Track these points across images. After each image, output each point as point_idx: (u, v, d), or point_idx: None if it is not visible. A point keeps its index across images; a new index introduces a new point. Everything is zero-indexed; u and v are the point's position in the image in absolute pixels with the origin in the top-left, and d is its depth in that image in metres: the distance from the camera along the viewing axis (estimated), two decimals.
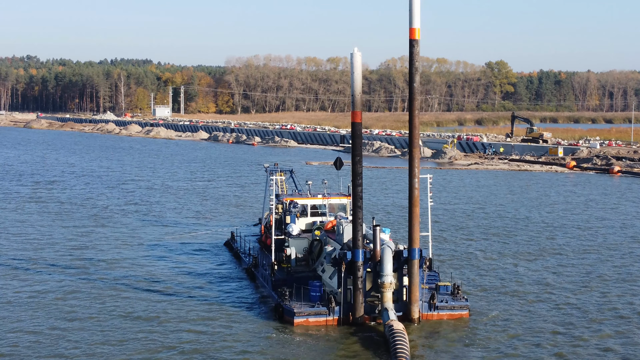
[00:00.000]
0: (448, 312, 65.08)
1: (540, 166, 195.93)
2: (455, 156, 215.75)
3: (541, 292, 73.36)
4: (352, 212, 64.36)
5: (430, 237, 77.05)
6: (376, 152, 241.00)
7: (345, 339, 60.29)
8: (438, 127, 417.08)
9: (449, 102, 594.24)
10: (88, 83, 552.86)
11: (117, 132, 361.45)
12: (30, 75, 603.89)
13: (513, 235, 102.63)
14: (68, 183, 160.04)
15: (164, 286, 75.05)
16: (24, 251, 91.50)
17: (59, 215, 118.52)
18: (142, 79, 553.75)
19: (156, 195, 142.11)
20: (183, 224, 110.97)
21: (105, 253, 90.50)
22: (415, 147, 64.12)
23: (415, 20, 63.00)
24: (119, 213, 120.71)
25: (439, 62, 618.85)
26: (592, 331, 61.97)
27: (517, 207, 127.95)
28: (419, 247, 64.57)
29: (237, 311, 66.93)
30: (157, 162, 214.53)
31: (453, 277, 77.40)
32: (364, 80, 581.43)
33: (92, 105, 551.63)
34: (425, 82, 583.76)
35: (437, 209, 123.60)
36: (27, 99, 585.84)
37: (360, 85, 64.09)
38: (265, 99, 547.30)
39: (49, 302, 69.30)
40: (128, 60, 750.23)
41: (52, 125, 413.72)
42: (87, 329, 61.63)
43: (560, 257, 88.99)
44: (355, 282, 63.15)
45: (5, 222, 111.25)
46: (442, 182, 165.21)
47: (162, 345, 58.51)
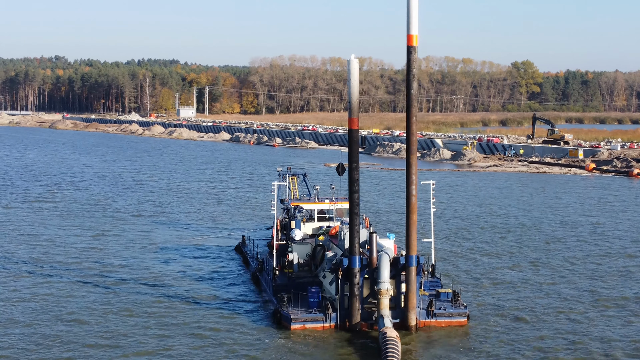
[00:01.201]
0: (446, 319, 64.71)
1: (559, 168, 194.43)
2: (475, 158, 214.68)
3: (544, 300, 72.56)
4: (349, 219, 64.28)
5: (432, 243, 76.91)
6: (395, 154, 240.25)
7: (340, 346, 60.20)
8: (462, 127, 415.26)
9: (474, 102, 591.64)
10: (113, 84, 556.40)
11: (140, 132, 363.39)
12: (57, 75, 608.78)
13: (519, 239, 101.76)
14: (84, 184, 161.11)
15: (167, 289, 75.37)
16: (33, 252, 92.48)
17: (73, 216, 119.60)
18: (167, 80, 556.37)
19: (171, 197, 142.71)
20: (196, 227, 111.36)
21: (114, 255, 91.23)
22: (412, 154, 63.78)
23: (413, 27, 62.77)
24: (133, 215, 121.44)
25: (465, 62, 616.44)
26: (595, 339, 61.41)
27: (526, 211, 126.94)
28: (417, 254, 64.28)
29: (237, 316, 67.08)
30: (175, 163, 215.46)
31: (454, 283, 77.16)
32: (389, 81, 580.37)
33: (118, 106, 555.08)
34: (451, 82, 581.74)
35: (446, 212, 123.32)
36: (54, 99, 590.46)
37: (357, 92, 63.95)
38: (289, 99, 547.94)
39: (48, 302, 69.96)
40: (155, 60, 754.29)
41: (76, 125, 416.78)
42: (80, 330, 62.09)
43: (566, 264, 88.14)
44: (352, 289, 63.07)
45: (20, 221, 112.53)
46: (458, 184, 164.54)
47: (156, 347, 58.94)
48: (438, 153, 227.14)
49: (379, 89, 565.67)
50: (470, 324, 64.77)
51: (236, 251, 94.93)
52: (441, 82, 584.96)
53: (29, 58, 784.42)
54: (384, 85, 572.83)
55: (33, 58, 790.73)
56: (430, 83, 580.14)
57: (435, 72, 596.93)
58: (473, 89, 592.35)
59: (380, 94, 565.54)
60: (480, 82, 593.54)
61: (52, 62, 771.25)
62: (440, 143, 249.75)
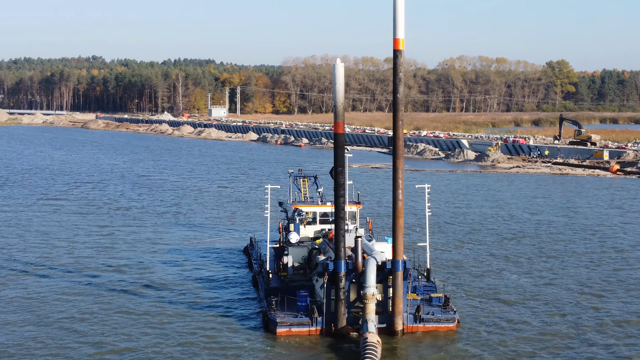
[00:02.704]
0: (434, 324, 64.08)
1: (583, 170, 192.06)
2: (498, 159, 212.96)
3: (539, 307, 71.35)
4: (335, 223, 63.94)
5: (428, 248, 76.42)
6: (420, 155, 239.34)
7: (323, 350, 59.92)
8: (493, 127, 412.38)
9: (508, 102, 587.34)
10: (147, 83, 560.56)
11: (170, 132, 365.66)
12: (91, 75, 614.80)
13: (522, 244, 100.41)
14: (103, 183, 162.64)
15: (165, 290, 75.83)
16: (42, 248, 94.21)
17: (87, 214, 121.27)
18: (200, 80, 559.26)
19: (188, 197, 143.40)
20: (209, 228, 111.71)
21: (121, 254, 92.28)
22: (399, 158, 63.17)
23: (399, 31, 62.38)
24: (147, 214, 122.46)
25: (499, 61, 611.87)
26: (585, 347, 60.63)
27: (534, 213, 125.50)
28: (403, 258, 63.85)
29: (228, 319, 67.04)
30: (198, 163, 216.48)
31: (446, 288, 76.54)
32: (422, 81, 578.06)
33: (151, 106, 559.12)
34: (485, 81, 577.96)
35: (450, 214, 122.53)
36: (88, 99, 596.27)
37: (342, 96, 63.58)
38: (321, 99, 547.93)
39: (47, 301, 70.77)
40: (191, 60, 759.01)
41: (108, 125, 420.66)
42: (72, 327, 62.61)
43: (567, 269, 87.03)
44: (337, 293, 62.74)
45: (34, 218, 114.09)
46: (474, 185, 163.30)
47: (137, 346, 59.62)
48: (462, 154, 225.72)
49: (412, 88, 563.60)
50: (460, 329, 64.16)
51: (244, 253, 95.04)
52: (475, 81, 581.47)
53: (66, 58, 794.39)
54: (416, 85, 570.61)
55: (71, 58, 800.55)
56: (463, 83, 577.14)
57: (468, 72, 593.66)
58: (507, 88, 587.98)
59: (413, 93, 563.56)
60: (515, 81, 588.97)
61: (89, 62, 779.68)
62: (466, 144, 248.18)
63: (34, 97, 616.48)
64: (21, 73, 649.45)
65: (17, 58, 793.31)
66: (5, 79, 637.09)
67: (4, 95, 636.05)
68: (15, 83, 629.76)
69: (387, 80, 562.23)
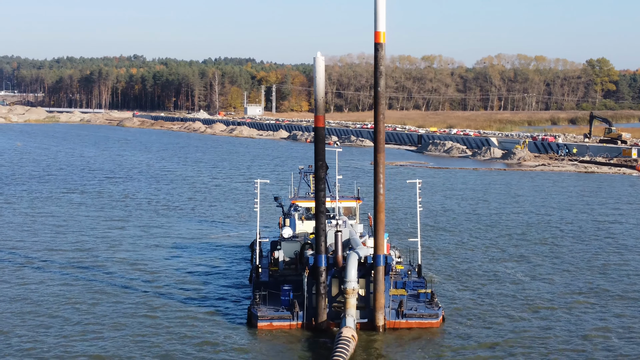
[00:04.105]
0: (417, 320, 63.37)
1: (609, 168, 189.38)
2: (525, 157, 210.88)
3: (531, 306, 70.12)
4: (315, 218, 63.66)
5: (419, 243, 75.77)
6: (447, 153, 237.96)
7: (302, 345, 59.57)
8: (529, 126, 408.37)
9: (547, 100, 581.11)
10: (184, 82, 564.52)
11: (203, 130, 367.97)
12: (130, 74, 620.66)
13: (525, 240, 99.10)
14: (124, 179, 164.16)
15: (160, 283, 76.28)
16: (53, 237, 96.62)
17: (102, 208, 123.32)
18: (236, 78, 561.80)
19: (205, 193, 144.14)
20: (221, 224, 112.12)
21: (126, 247, 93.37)
22: (380, 153, 62.59)
23: (380, 24, 61.94)
24: (162, 209, 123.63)
25: (537, 59, 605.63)
26: (568, 345, 59.65)
27: (547, 210, 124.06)
28: (384, 253, 63.32)
29: (216, 313, 66.99)
30: (224, 159, 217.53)
31: (441, 285, 76.01)
32: (460, 79, 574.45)
33: (188, 104, 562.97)
34: (523, 80, 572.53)
35: (459, 211, 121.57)
36: (127, 97, 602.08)
37: (323, 89, 63.32)
38: (357, 97, 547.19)
39: (31, 290, 71.40)
40: (231, 59, 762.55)
41: (143, 123, 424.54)
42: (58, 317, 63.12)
43: (566, 268, 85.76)
44: (318, 287, 62.47)
45: (51, 211, 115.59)
46: (493, 183, 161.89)
47: (122, 335, 60.32)
48: (489, 152, 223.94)
49: (449, 87, 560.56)
50: (445, 325, 63.48)
51: (250, 248, 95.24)
52: (513, 80, 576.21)
53: (108, 57, 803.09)
54: (454, 84, 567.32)
55: (112, 57, 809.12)
56: (501, 81, 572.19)
57: (507, 70, 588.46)
58: (546, 87, 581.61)
59: (450, 92, 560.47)
60: (554, 80, 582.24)
61: (130, 60, 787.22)
62: (495, 142, 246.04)
63: (73, 95, 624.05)
64: (61, 72, 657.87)
65: (59, 57, 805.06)
66: (46, 78, 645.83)
67: (45, 93, 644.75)
68: (55, 82, 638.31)
69: (424, 79, 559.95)
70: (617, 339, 60.80)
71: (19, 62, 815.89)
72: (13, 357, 56.27)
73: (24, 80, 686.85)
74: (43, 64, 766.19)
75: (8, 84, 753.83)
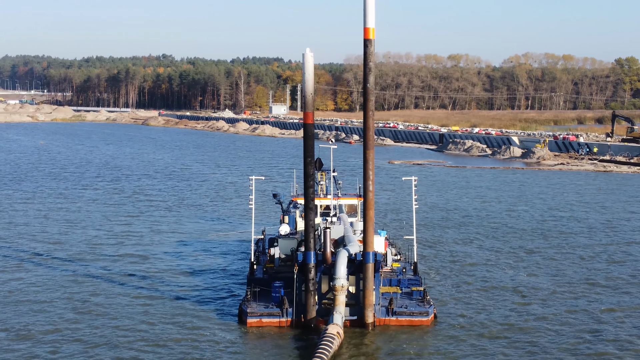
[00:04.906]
0: (407, 317, 63.02)
1: (628, 167, 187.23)
2: (544, 156, 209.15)
3: (524, 305, 69.47)
4: (304, 214, 63.39)
5: (415, 241, 75.32)
6: (467, 152, 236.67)
7: (289, 341, 59.52)
8: (554, 125, 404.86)
9: (575, 100, 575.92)
10: (210, 81, 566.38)
11: (226, 129, 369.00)
12: (157, 73, 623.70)
13: (525, 239, 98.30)
14: (140, 177, 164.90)
15: (158, 280, 76.67)
16: (57, 234, 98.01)
17: (114, 205, 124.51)
18: (262, 77, 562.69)
19: (218, 190, 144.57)
20: (230, 221, 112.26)
21: (131, 244, 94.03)
22: (369, 149, 62.21)
23: (370, 20, 61.47)
24: (175, 207, 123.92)
25: (565, 58, 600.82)
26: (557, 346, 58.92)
27: (551, 210, 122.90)
28: (374, 250, 62.96)
29: (208, 309, 67.22)
30: (241, 157, 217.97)
31: (438, 283, 75.50)
32: (486, 78, 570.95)
33: (214, 103, 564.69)
34: (551, 79, 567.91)
35: (465, 208, 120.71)
36: (154, 97, 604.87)
37: (311, 86, 63.04)
38: (383, 96, 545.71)
39: (38, 286, 71.89)
40: (259, 58, 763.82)
41: (168, 122, 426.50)
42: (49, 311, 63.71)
43: (565, 266, 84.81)
44: (307, 284, 62.23)
45: (61, 207, 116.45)
46: (508, 182, 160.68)
47: (110, 330, 60.78)
48: (508, 151, 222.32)
49: (476, 86, 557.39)
50: (436, 323, 62.99)
51: (256, 246, 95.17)
52: (541, 79, 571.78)
53: (137, 57, 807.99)
54: (480, 83, 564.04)
55: (141, 57, 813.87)
56: (529, 80, 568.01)
57: (534, 70, 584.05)
58: (574, 86, 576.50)
59: (477, 91, 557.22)
60: (582, 79, 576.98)
61: (158, 60, 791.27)
62: (516, 141, 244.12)
63: (101, 94, 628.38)
64: (89, 71, 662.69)
65: (89, 57, 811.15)
66: (74, 77, 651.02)
67: (73, 93, 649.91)
68: (83, 81, 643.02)
69: (450, 78, 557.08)
70: (611, 343, 60.01)
71: (49, 61, 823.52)
72: (3, 347, 56.94)
73: (53, 80, 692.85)
74: (72, 63, 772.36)
75: (38, 84, 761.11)
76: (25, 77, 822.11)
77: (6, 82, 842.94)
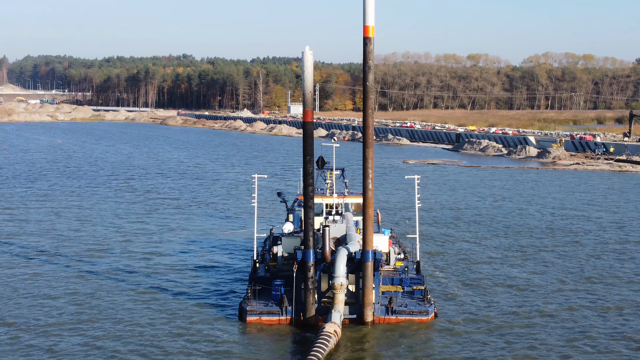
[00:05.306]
0: (407, 316, 62.79)
1: None
2: (560, 156, 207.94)
3: (527, 305, 69.05)
4: (304, 213, 63.32)
5: (417, 240, 75.03)
6: (482, 151, 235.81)
7: (287, 339, 59.42)
8: (574, 125, 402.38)
9: (595, 99, 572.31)
10: (228, 81, 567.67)
11: (243, 129, 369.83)
12: (176, 73, 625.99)
13: (532, 238, 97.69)
14: (153, 176, 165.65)
15: (163, 278, 76.76)
16: (67, 230, 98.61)
17: (125, 204, 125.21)
18: (280, 77, 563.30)
19: (231, 191, 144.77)
20: (241, 219, 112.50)
21: (139, 240, 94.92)
22: (368, 148, 62.05)
23: (369, 18, 61.29)
24: (186, 206, 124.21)
25: (586, 58, 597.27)
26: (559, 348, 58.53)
27: (561, 210, 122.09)
28: (373, 248, 62.82)
29: (209, 307, 67.21)
30: (255, 156, 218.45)
31: (441, 282, 75.23)
32: (506, 78, 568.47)
33: (233, 103, 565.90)
34: (571, 79, 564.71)
35: (475, 207, 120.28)
36: (173, 96, 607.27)
37: (311, 84, 62.86)
38: (402, 96, 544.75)
39: (41, 283, 72.36)
40: (279, 58, 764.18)
41: (186, 122, 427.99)
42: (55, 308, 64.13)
43: (564, 268, 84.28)
44: (306, 283, 62.17)
45: (75, 204, 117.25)
46: (520, 182, 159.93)
47: (117, 327, 61.14)
48: (524, 151, 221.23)
49: (495, 86, 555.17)
50: (436, 322, 62.71)
51: (264, 244, 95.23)
52: (561, 79, 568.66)
53: (157, 56, 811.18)
54: (500, 82, 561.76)
55: (161, 56, 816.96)
56: (549, 80, 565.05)
57: (554, 69, 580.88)
58: (594, 86, 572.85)
59: (497, 90, 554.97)
60: (602, 78, 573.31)
61: (179, 60, 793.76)
62: (533, 140, 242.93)
63: (121, 94, 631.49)
64: (109, 71, 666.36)
65: (109, 57, 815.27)
66: (94, 77, 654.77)
67: (93, 92, 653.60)
68: (103, 81, 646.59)
69: (469, 77, 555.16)
70: (614, 342, 59.57)
71: (71, 61, 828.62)
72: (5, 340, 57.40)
73: (73, 80, 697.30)
74: (93, 63, 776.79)
75: (59, 84, 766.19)
76: (47, 77, 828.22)
77: (28, 82, 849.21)
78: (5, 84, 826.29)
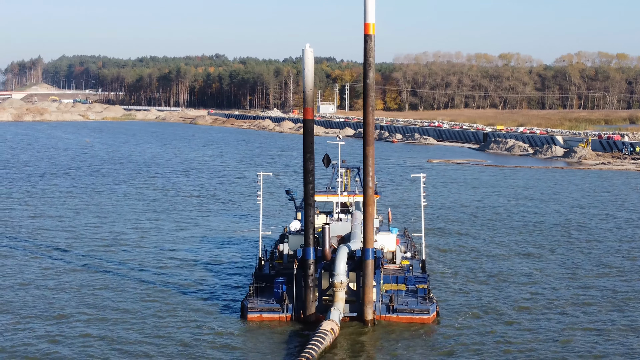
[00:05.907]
0: (408, 315, 62.71)
1: None
2: (586, 155, 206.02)
3: (530, 304, 68.52)
4: (304, 210, 63.45)
5: (423, 239, 74.84)
6: (508, 151, 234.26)
7: (286, 336, 59.70)
8: (605, 124, 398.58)
9: (629, 99, 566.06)
10: (259, 80, 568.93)
11: (271, 128, 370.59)
12: (207, 73, 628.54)
13: (543, 237, 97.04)
14: (177, 174, 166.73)
15: (171, 275, 77.39)
16: (85, 225, 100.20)
17: (145, 201, 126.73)
18: None
19: (250, 189, 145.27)
20: (256, 219, 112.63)
21: (152, 238, 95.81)
22: (369, 145, 62.00)
23: (370, 15, 61.25)
24: (205, 204, 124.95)
25: (619, 57, 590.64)
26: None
27: (576, 210, 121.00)
28: (373, 247, 62.74)
29: (213, 304, 67.72)
30: (280, 155, 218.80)
31: (445, 281, 74.99)
32: (538, 77, 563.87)
33: (264, 102, 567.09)
34: (604, 78, 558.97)
35: (488, 207, 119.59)
36: (205, 96, 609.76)
37: (311, 81, 62.96)
38: (432, 95, 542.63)
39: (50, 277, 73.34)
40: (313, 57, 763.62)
41: (215, 121, 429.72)
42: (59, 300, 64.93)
43: (571, 268, 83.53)
44: (306, 280, 62.31)
45: (96, 201, 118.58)
46: (543, 180, 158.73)
47: (120, 322, 61.94)
48: (550, 150, 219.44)
49: (527, 85, 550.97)
50: (438, 321, 62.55)
51: (276, 242, 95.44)
52: (594, 78, 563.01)
53: (190, 56, 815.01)
54: (532, 82, 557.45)
55: (194, 56, 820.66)
56: (581, 79, 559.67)
57: (587, 69, 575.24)
58: (628, 85, 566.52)
59: (528, 90, 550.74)
60: (636, 78, 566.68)
61: (211, 59, 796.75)
62: (560, 140, 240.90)
63: (152, 94, 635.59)
64: (141, 71, 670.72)
65: (142, 56, 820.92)
66: (126, 77, 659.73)
67: (125, 92, 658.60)
68: (135, 80, 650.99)
69: (500, 77, 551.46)
70: (617, 341, 59.04)
71: (105, 61, 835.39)
72: (5, 334, 58.11)
73: (106, 79, 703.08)
74: (126, 63, 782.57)
75: (92, 83, 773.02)
76: (81, 76, 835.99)
77: (62, 81, 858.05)
78: (40, 84, 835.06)
